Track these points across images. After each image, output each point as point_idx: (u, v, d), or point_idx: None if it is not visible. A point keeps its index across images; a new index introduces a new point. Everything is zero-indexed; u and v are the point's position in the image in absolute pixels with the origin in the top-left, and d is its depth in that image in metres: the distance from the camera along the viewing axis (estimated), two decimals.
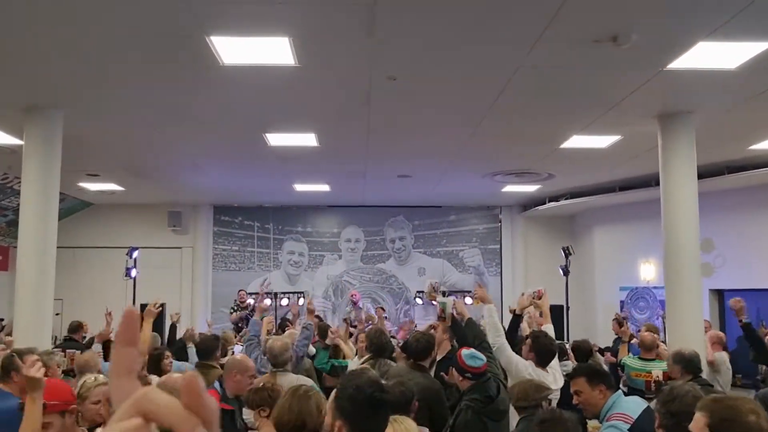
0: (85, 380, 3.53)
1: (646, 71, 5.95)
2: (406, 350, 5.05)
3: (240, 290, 12.65)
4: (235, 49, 5.34)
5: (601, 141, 8.52)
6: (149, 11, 4.75)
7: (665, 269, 7.37)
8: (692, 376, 4.60)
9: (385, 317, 11.23)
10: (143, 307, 11.86)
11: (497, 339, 4.49)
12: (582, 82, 6.30)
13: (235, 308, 12.17)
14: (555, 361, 4.97)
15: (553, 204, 13.36)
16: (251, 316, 11.99)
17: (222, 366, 5.79)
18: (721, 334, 7.07)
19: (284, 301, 13.31)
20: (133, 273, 11.08)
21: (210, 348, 5.39)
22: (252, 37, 5.12)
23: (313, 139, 8.43)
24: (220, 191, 12.89)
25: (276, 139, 8.44)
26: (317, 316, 10.33)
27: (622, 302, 12.96)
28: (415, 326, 13.46)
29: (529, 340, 4.98)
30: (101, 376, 3.60)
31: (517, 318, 5.47)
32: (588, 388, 3.52)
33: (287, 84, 6.25)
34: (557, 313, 8.86)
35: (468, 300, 12.44)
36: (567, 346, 7.63)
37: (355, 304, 12.65)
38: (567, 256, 11.78)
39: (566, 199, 12.95)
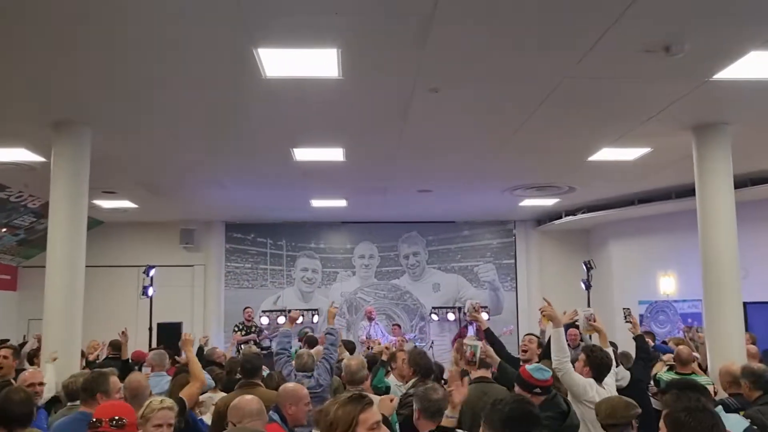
0: (151, 401, 3.39)
1: (691, 81, 5.87)
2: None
3: (246, 308, 12.32)
4: (280, 61, 5.24)
5: (631, 153, 8.45)
6: (196, 28, 4.64)
7: (704, 282, 7.26)
8: (762, 392, 4.44)
9: (403, 336, 11.04)
10: (160, 326, 11.64)
11: (564, 363, 4.36)
12: (623, 93, 6.22)
13: (240, 327, 11.89)
14: (611, 379, 4.86)
15: (569, 218, 13.24)
16: (259, 338, 11.79)
17: (265, 384, 5.62)
18: (755, 349, 6.96)
19: (299, 319, 13.11)
20: (150, 291, 10.89)
21: (256, 366, 5.21)
22: (300, 48, 5.01)
23: (340, 154, 8.32)
24: (233, 208, 12.72)
25: (302, 154, 8.32)
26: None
27: (641, 316, 12.84)
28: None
29: (583, 355, 4.87)
30: (169, 400, 3.44)
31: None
32: None
33: (326, 97, 6.14)
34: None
35: (484, 315, 12.26)
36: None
37: (371, 320, 12.47)
38: (588, 270, 11.67)
39: (583, 212, 12.83)
